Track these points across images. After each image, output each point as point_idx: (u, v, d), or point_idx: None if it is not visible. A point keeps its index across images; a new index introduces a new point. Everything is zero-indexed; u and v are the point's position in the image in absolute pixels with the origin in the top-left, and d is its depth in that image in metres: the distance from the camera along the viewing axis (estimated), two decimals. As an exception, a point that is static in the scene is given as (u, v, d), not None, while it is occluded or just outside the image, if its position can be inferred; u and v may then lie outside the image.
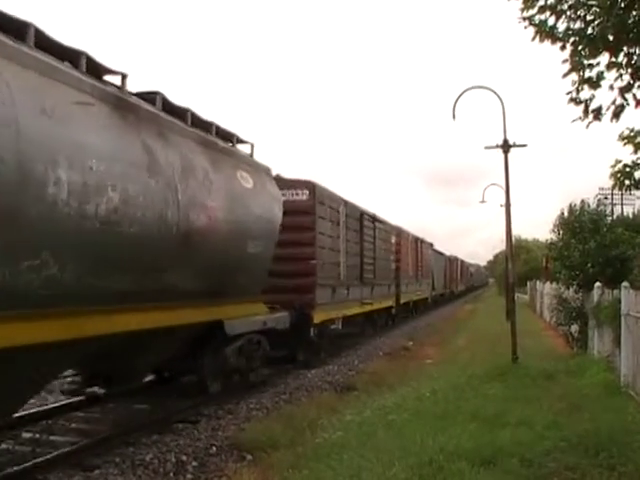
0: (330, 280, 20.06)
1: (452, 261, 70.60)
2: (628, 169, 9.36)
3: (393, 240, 32.48)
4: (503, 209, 20.29)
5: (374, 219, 27.46)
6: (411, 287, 38.31)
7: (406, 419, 11.11)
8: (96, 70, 9.74)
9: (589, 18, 8.63)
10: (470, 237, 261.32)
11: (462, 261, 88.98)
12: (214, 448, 10.55)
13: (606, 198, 34.40)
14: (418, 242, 42.16)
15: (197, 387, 13.88)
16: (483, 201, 39.08)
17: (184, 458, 9.92)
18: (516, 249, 53.96)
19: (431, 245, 50.83)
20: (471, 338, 27.10)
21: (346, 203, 22.59)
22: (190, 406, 13.09)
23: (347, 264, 22.13)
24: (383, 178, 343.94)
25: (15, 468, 8.88)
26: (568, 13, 8.70)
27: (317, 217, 18.93)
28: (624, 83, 8.76)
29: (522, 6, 8.86)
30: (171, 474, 9.36)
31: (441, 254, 59.49)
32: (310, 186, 18.87)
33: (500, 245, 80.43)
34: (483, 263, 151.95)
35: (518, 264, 59.69)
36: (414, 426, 10.37)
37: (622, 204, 51.80)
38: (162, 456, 9.90)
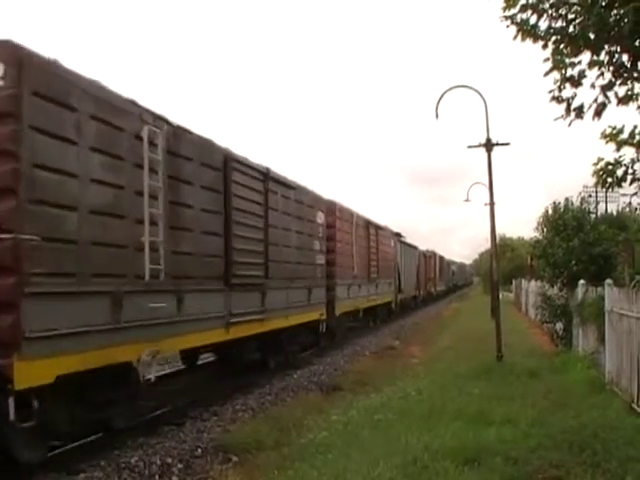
0: (94, 282, 9.48)
1: (428, 257, 60.54)
2: (610, 167, 9.37)
3: (320, 220, 21.71)
4: (487, 208, 20.37)
5: (266, 176, 16.37)
6: (358, 290, 27.62)
7: (391, 419, 11.14)
8: None
9: (570, 17, 8.65)
10: (455, 236, 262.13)
11: (442, 257, 77.83)
12: (199, 450, 10.55)
13: (590, 196, 34.46)
14: (371, 228, 31.04)
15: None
16: (467, 200, 39.13)
17: (169, 460, 9.92)
18: (501, 247, 54.20)
19: (397, 235, 41.57)
20: (456, 337, 27.15)
21: (166, 125, 11.59)
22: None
23: (172, 249, 11.50)
24: (364, 176, 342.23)
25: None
26: (549, 12, 8.71)
27: (25, 127, 8.33)
28: (606, 81, 8.78)
29: (504, 5, 8.87)
30: (156, 476, 9.36)
31: (413, 247, 49.88)
32: (9, 51, 8.26)
33: (485, 244, 79.36)
34: (469, 262, 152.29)
35: (503, 262, 59.94)
36: (399, 425, 10.40)
37: (606, 202, 52.02)
38: (147, 458, 9.89)
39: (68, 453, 9.95)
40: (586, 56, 8.75)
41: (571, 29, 8.65)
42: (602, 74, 8.78)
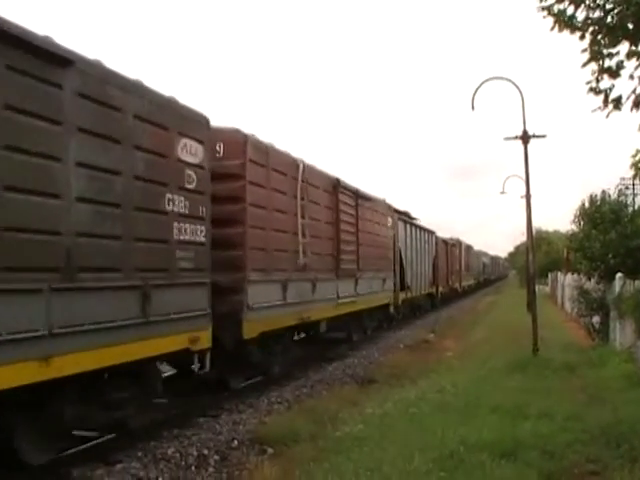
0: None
1: (451, 245, 50.77)
2: (648, 159, 9.31)
3: (193, 158, 11.46)
4: (523, 200, 20.22)
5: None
6: (312, 291, 16.91)
7: (427, 412, 11.11)
8: None
9: (608, 7, 8.58)
10: (490, 229, 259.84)
11: (469, 246, 67.10)
12: (235, 442, 10.60)
13: (627, 188, 34.06)
14: (343, 195, 20.22)
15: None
16: (503, 192, 38.92)
17: (206, 452, 9.98)
18: (537, 240, 53.56)
19: (399, 214, 31.22)
20: (491, 330, 26.98)
21: None
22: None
23: None
24: (405, 172, 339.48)
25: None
26: (587, 2, 8.66)
27: None
28: (644, 72, 8.70)
29: (541, -4, 8.83)
30: (193, 468, 9.41)
31: (427, 232, 38.51)
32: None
33: (521, 237, 78.45)
34: (504, 255, 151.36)
35: (539, 256, 59.23)
36: (435, 419, 10.38)
37: (644, 194, 51.32)
38: (184, 450, 9.97)
39: (105, 444, 10.06)
40: (624, 46, 8.69)
41: (609, 19, 8.59)
42: (641, 65, 8.70)
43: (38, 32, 8.03)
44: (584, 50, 8.85)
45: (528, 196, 19.60)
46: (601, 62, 8.84)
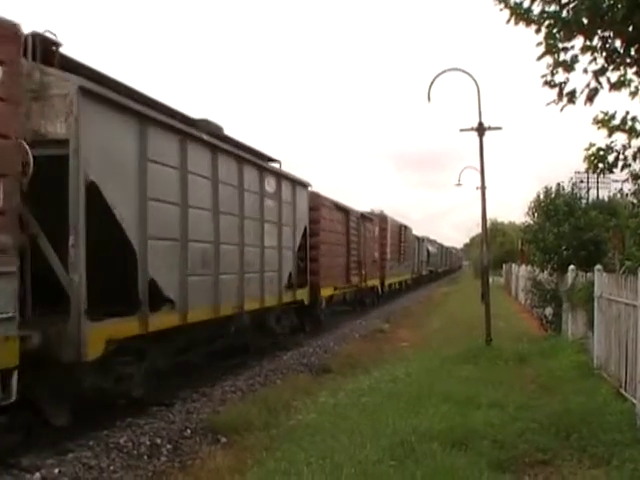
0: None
1: (359, 220, 30.94)
2: (602, 152, 9.40)
3: None
4: (479, 192, 20.36)
5: None
6: None
7: (380, 401, 11.16)
8: None
9: (564, 1, 8.62)
10: (446, 220, 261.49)
11: (404, 227, 47.41)
12: (188, 431, 10.54)
13: (582, 182, 34.60)
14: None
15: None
16: (459, 184, 39.12)
17: (158, 441, 9.90)
18: (492, 232, 54.11)
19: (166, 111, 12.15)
20: (446, 321, 27.21)
21: None
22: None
23: None
24: (353, 161, 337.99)
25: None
26: (543, -5, 8.69)
27: None
28: (598, 66, 8.77)
29: (497, -12, 8.83)
30: (145, 457, 9.34)
31: (286, 180, 18.96)
32: None
33: (476, 228, 77.94)
34: (460, 246, 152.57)
35: (494, 247, 59.97)
36: (387, 408, 10.43)
37: (597, 187, 52.03)
38: (136, 439, 9.87)
39: (56, 433, 9.94)
40: (579, 41, 8.73)
41: (564, 13, 8.62)
42: (595, 59, 8.76)
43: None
44: (539, 43, 8.87)
45: (483, 188, 19.76)
46: (556, 56, 8.87)
